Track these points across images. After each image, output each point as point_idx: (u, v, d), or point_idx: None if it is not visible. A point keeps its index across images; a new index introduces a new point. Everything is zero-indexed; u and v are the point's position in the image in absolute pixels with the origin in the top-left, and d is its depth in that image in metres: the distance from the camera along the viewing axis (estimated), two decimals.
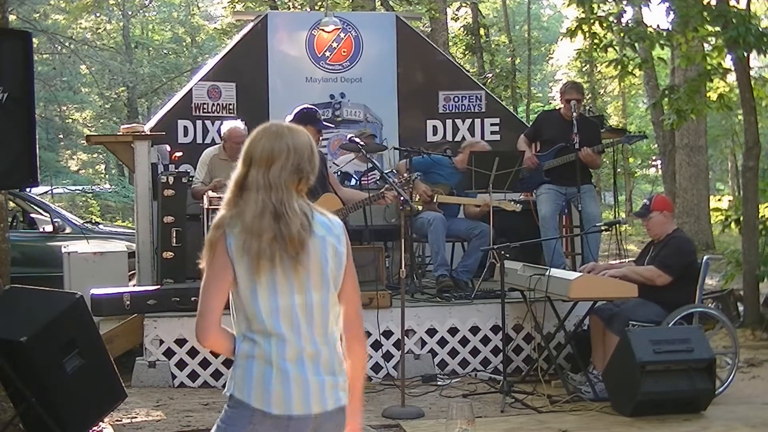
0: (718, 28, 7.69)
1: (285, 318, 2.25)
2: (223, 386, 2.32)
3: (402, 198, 5.42)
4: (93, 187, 22.33)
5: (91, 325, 4.53)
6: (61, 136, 27.06)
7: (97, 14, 25.86)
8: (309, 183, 2.34)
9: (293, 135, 2.33)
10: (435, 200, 6.83)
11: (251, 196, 2.26)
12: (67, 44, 21.65)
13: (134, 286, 6.93)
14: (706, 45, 8.81)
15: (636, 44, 8.18)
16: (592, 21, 8.11)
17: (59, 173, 24.65)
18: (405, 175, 6.40)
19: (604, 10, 8.35)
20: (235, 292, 2.27)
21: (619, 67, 8.45)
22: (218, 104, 8.67)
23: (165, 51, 29.36)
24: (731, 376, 5.54)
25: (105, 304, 6.07)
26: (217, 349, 2.38)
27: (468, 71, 14.44)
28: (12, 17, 16.40)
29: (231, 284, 2.26)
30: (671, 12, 7.83)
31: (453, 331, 6.28)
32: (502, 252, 5.61)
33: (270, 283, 2.24)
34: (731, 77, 8.81)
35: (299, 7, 18.95)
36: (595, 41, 8.30)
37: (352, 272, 2.39)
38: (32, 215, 10.05)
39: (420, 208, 6.66)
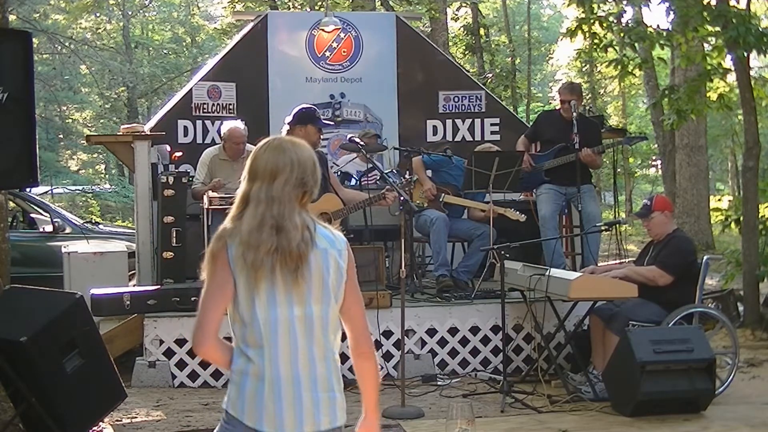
0: (718, 28, 7.70)
1: (283, 330, 2.24)
2: (223, 386, 2.33)
3: (402, 198, 5.42)
4: (93, 187, 22.33)
5: (91, 325, 4.53)
6: (61, 136, 27.05)
7: (97, 14, 25.84)
8: (312, 196, 2.34)
9: (296, 149, 2.33)
10: (441, 199, 6.83)
11: (250, 210, 2.27)
12: (67, 44, 21.65)
13: (134, 286, 6.93)
14: (706, 45, 8.81)
15: (636, 44, 8.19)
16: (592, 21, 8.12)
17: (59, 173, 24.65)
18: (406, 176, 6.40)
19: (604, 10, 8.36)
20: (234, 303, 2.26)
21: (619, 67, 8.46)
22: (218, 104, 8.66)
23: (165, 51, 29.37)
24: (731, 376, 5.54)
25: (105, 304, 6.08)
26: (213, 360, 2.39)
27: (468, 71, 14.43)
28: (12, 17, 16.40)
29: (231, 296, 2.26)
30: (671, 12, 7.83)
31: (453, 331, 6.28)
32: (502, 252, 5.61)
33: (269, 295, 2.23)
34: (731, 77, 8.81)
35: (299, 7, 18.96)
36: (595, 41, 8.31)
37: (354, 290, 2.37)
38: (32, 215, 10.04)
39: (425, 204, 6.65)
